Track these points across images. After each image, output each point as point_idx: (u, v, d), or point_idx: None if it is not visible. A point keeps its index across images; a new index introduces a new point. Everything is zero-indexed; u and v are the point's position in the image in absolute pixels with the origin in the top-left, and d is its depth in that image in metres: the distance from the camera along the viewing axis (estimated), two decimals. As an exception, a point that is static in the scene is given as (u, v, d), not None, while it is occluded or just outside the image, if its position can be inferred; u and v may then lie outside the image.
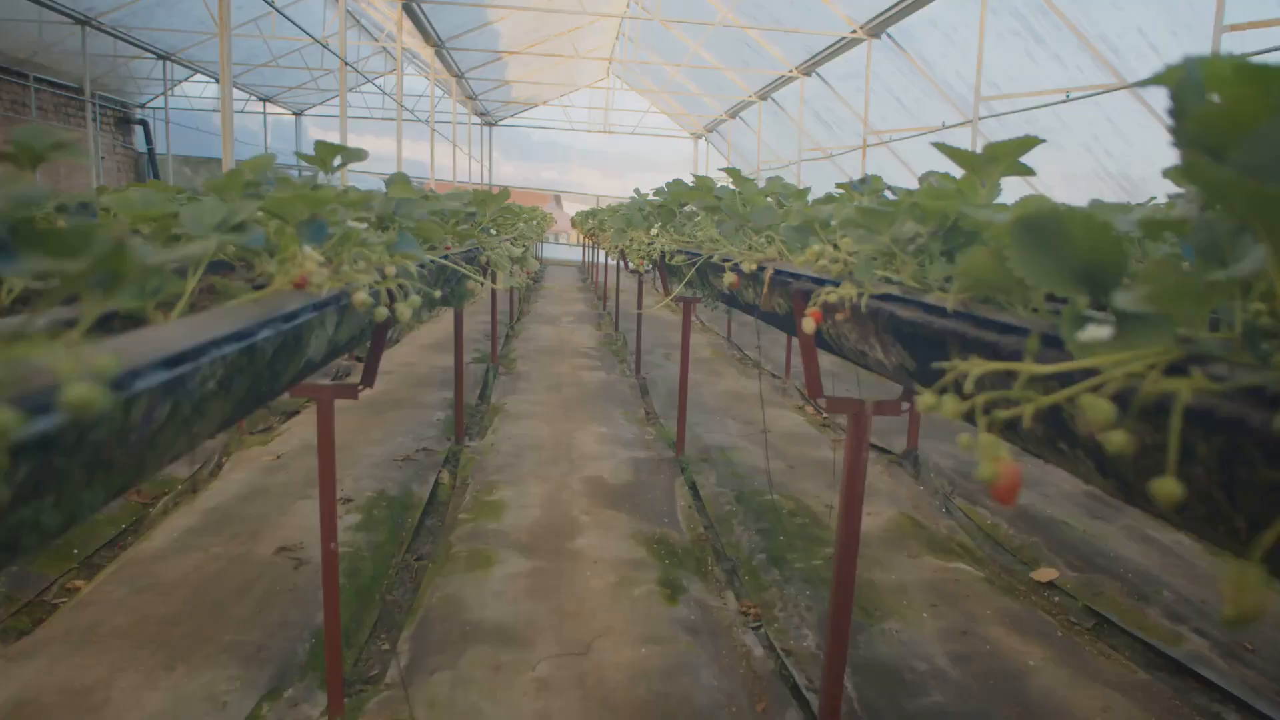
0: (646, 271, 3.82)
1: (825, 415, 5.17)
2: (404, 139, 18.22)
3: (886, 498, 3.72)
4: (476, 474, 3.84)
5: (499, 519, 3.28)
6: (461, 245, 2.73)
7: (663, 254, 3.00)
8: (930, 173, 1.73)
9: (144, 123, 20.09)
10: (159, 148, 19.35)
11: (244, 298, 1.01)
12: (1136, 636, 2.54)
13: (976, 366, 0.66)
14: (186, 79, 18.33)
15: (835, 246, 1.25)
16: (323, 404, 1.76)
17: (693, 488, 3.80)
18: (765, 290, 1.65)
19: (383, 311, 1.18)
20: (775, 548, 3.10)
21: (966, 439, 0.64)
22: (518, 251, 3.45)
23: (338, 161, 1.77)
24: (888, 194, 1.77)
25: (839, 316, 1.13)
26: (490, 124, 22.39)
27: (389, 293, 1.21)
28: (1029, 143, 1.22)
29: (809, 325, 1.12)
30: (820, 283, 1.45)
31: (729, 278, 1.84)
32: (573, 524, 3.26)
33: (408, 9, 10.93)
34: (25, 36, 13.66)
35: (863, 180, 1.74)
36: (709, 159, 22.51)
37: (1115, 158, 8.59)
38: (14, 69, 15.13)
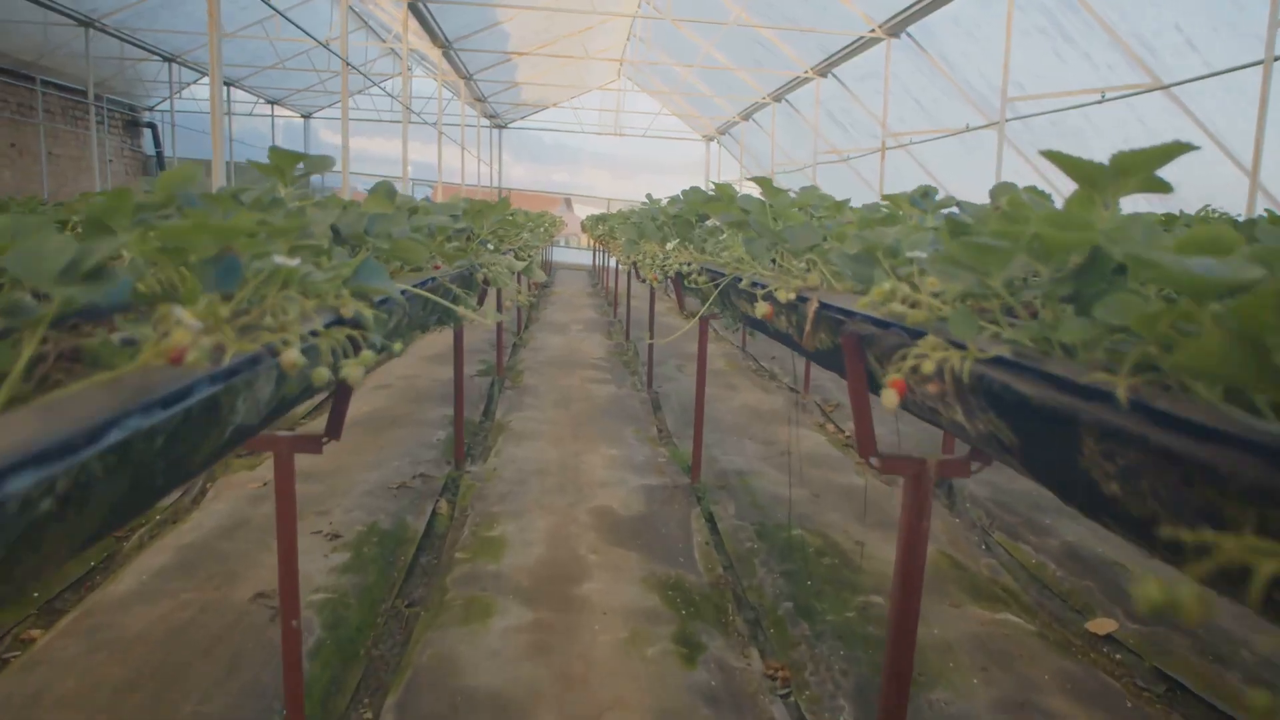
0: (660, 283, 3.53)
1: (849, 436, 4.88)
2: (415, 141, 18.03)
3: (921, 532, 3.42)
4: (477, 504, 3.57)
5: (499, 559, 2.99)
6: (454, 264, 2.46)
7: (679, 272, 2.71)
8: (1006, 185, 1.44)
9: (153, 125, 19.99)
10: (167, 150, 19.23)
11: (119, 370, 0.73)
12: (1218, 709, 2.24)
13: (1269, 561, 0.37)
14: (194, 81, 18.17)
15: (913, 285, 0.97)
16: (280, 458, 1.49)
17: (710, 520, 3.51)
18: (809, 327, 1.36)
19: (322, 373, 0.90)
20: (803, 594, 2.81)
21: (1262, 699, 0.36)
22: (520, 266, 3.18)
23: (300, 169, 1.50)
24: (955, 211, 1.48)
25: (931, 388, 0.84)
26: (500, 126, 22.16)
27: (334, 349, 0.93)
28: (1175, 150, 0.93)
29: (890, 399, 0.83)
30: (884, 326, 1.16)
31: (762, 308, 1.55)
32: (580, 564, 2.98)
33: (414, 9, 10.69)
34: (30, 38, 13.52)
35: (923, 194, 1.45)
36: (721, 161, 22.24)
37: (1146, 161, 8.24)
38: (20, 71, 15.03)
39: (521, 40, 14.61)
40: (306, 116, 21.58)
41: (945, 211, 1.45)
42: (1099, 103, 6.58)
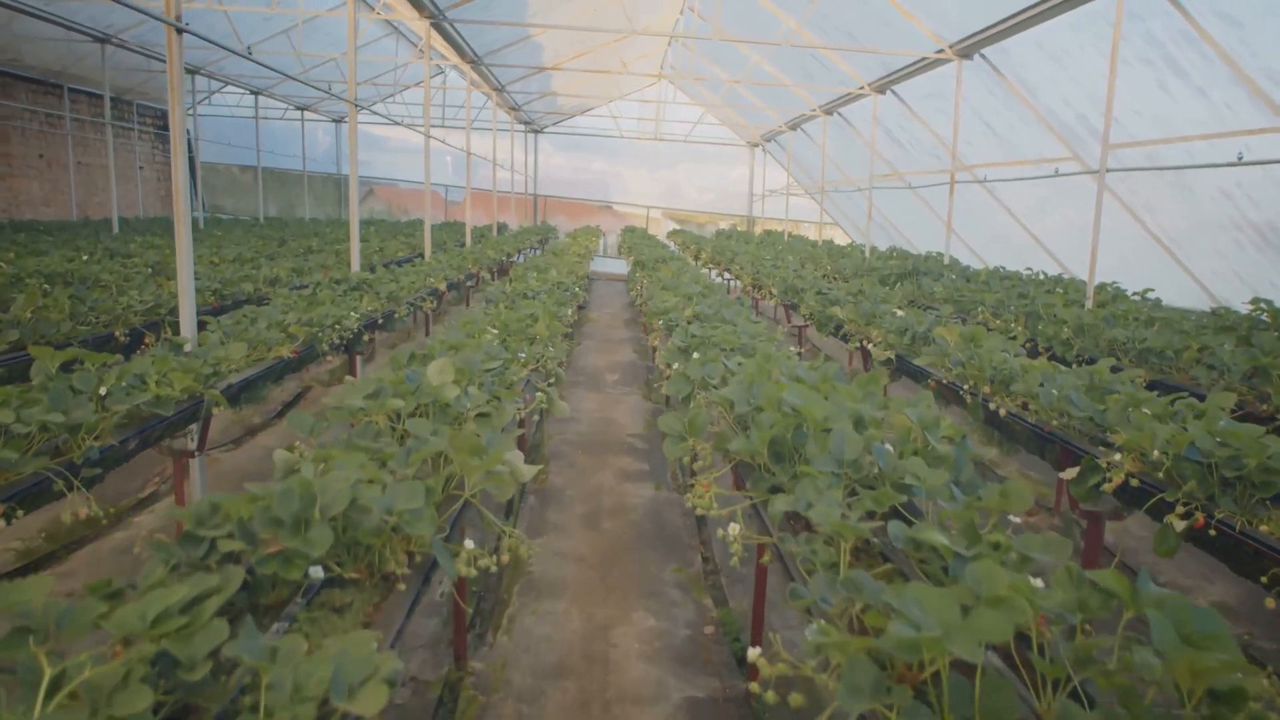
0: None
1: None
2: (453, 134, 17.37)
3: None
4: (476, 741, 2.81)
5: None
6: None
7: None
8: None
9: (185, 131, 19.56)
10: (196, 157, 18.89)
11: None
12: None
13: None
14: (219, 90, 17.70)
15: None
16: None
17: (775, 774, 2.71)
18: None
19: None
20: None
21: None
22: (528, 473, 2.41)
23: None
24: None
25: None
26: (535, 132, 21.44)
27: None
28: None
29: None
30: None
31: None
32: None
33: (438, 27, 9.93)
34: (54, 51, 13.12)
35: None
36: (766, 167, 21.29)
37: (1261, 207, 7.23)
38: (49, 81, 14.70)
39: (555, 51, 13.82)
40: (337, 121, 21.04)
41: None
42: (1235, 165, 5.59)
